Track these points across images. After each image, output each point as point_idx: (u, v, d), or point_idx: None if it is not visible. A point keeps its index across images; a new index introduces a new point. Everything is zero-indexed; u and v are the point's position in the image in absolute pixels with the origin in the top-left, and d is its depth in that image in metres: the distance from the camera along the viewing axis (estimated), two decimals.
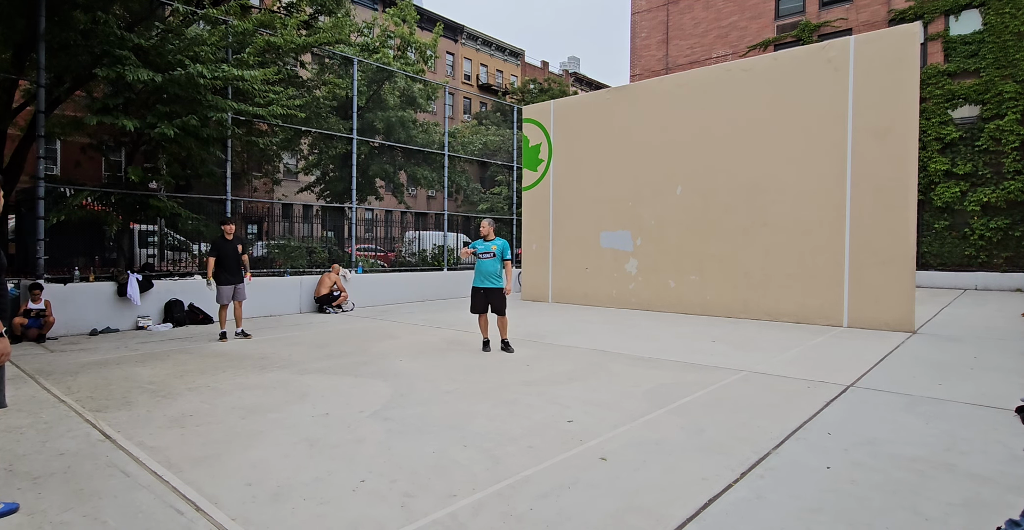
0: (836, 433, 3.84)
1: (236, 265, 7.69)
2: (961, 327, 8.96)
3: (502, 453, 3.45)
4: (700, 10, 23.50)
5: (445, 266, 14.99)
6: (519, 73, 41.87)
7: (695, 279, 10.60)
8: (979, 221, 17.32)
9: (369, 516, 2.67)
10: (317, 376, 5.53)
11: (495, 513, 2.69)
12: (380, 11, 29.09)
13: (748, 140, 9.90)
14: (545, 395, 4.81)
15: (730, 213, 10.11)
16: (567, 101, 13.04)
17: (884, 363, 6.17)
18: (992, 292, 16.31)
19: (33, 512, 2.71)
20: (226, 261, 7.57)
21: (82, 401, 4.62)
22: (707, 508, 2.75)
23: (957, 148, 17.78)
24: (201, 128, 9.11)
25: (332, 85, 13.90)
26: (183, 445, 3.62)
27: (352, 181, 12.66)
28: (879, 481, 3.06)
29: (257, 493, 2.92)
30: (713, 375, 5.55)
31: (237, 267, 7.70)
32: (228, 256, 7.59)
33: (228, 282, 7.61)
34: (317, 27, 13.58)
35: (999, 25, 17.11)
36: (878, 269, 8.59)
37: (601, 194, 12.00)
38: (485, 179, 25.28)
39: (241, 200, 12.31)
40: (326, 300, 10.98)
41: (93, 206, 9.79)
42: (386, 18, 18.13)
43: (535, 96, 27.83)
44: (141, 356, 6.60)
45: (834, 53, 9.05)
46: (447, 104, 22.08)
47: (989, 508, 2.74)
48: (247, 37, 10.30)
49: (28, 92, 10.30)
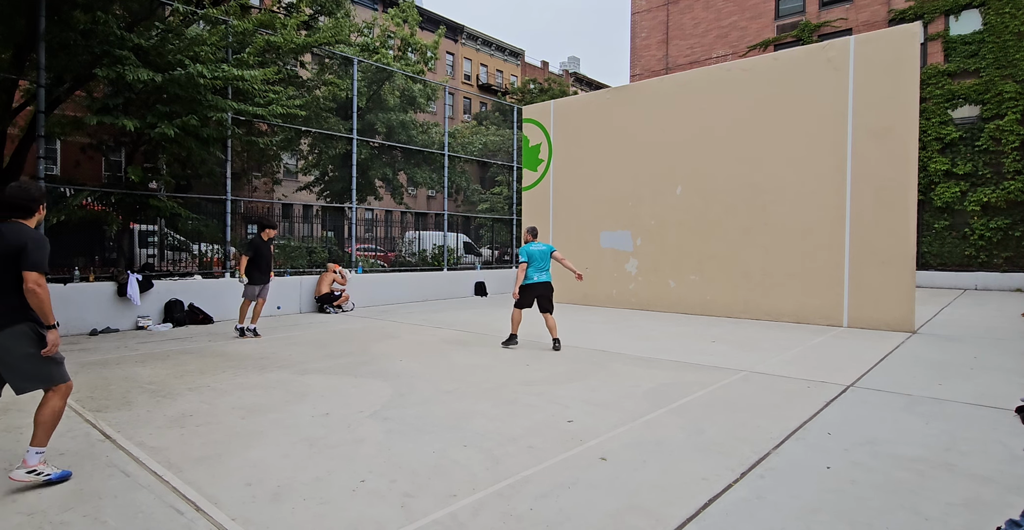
0: (836, 433, 3.84)
1: (269, 266, 8.11)
2: (961, 327, 8.96)
3: (502, 453, 3.45)
4: (700, 10, 23.50)
5: (445, 266, 14.99)
6: (519, 73, 41.87)
7: (695, 279, 10.60)
8: (979, 221, 17.32)
9: (369, 516, 2.67)
10: (317, 376, 5.53)
11: (495, 513, 2.69)
12: (380, 11, 29.08)
13: (748, 140, 9.90)
14: (545, 395, 4.81)
15: (730, 213, 10.11)
16: (567, 101, 13.04)
17: (884, 363, 6.17)
18: (992, 292, 16.31)
19: (33, 512, 2.71)
20: (262, 262, 7.97)
21: (82, 401, 4.62)
22: (707, 508, 2.75)
23: (957, 148, 17.78)
24: (201, 128, 9.11)
25: (332, 85, 13.90)
26: (183, 445, 3.62)
27: (352, 181, 12.66)
28: (879, 481, 3.06)
29: (257, 493, 2.92)
30: (713, 375, 5.55)
31: (270, 268, 8.13)
32: (264, 257, 7.99)
33: (260, 281, 7.99)
34: (317, 27, 13.58)
35: (999, 25, 17.11)
36: (878, 269, 8.59)
37: (601, 194, 12.00)
38: (485, 179, 25.30)
39: (241, 200, 12.30)
40: (326, 299, 10.98)
41: (93, 206, 9.78)
42: (387, 19, 18.13)
43: (535, 96, 27.83)
44: (141, 356, 6.60)
45: (834, 53, 9.05)
46: (447, 104, 22.07)
47: (989, 508, 2.74)
48: (247, 37, 10.30)
49: (28, 92, 10.29)
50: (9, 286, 2.93)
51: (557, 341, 6.98)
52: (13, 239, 2.92)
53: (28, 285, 2.89)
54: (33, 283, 2.89)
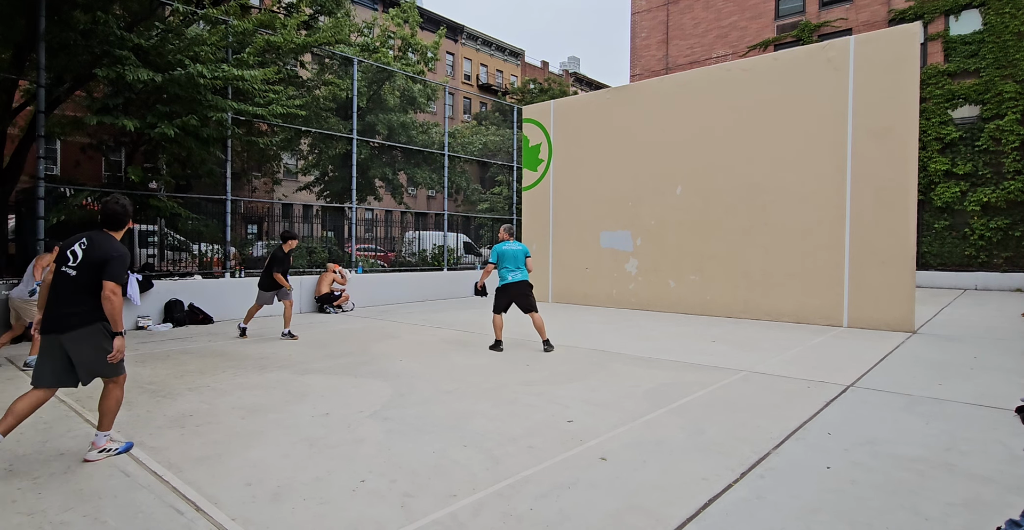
0: (836, 433, 3.84)
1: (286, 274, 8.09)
2: (961, 327, 8.96)
3: (502, 453, 3.45)
4: (700, 10, 23.50)
5: (445, 266, 14.99)
6: (519, 73, 41.87)
7: (695, 279, 10.60)
8: (979, 221, 17.32)
9: (369, 516, 2.67)
10: (317, 376, 5.53)
11: (495, 513, 2.69)
12: (380, 11, 29.08)
13: (748, 140, 9.90)
14: (545, 395, 4.81)
15: (730, 213, 10.11)
16: (567, 101, 13.04)
17: (884, 363, 6.17)
18: (992, 292, 16.31)
19: (33, 512, 2.71)
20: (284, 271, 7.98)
21: (82, 401, 4.61)
22: (707, 508, 2.75)
23: (957, 148, 17.78)
24: (201, 128, 9.11)
25: (332, 85, 13.90)
26: (183, 445, 3.62)
27: (352, 181, 12.67)
28: (879, 481, 3.06)
29: (257, 493, 2.92)
30: (713, 375, 5.55)
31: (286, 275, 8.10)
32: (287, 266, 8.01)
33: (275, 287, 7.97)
34: (317, 27, 13.59)
35: (999, 25, 17.11)
36: (878, 269, 8.59)
37: (601, 194, 12.00)
38: (485, 179, 25.30)
39: (241, 200, 12.32)
40: (326, 299, 10.98)
41: (93, 206, 9.78)
42: (387, 19, 18.13)
43: (535, 96, 27.82)
44: (141, 356, 6.60)
45: (834, 53, 9.05)
46: (447, 104, 22.08)
47: (989, 508, 2.74)
48: (247, 37, 10.30)
49: (28, 92, 10.29)
50: (90, 290, 3.32)
51: (547, 342, 6.74)
52: (102, 250, 3.34)
53: (106, 293, 3.28)
54: (110, 291, 3.28)
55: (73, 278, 3.32)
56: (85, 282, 3.30)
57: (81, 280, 3.31)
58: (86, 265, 3.31)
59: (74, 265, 3.32)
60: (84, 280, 3.30)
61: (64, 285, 3.33)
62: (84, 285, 3.31)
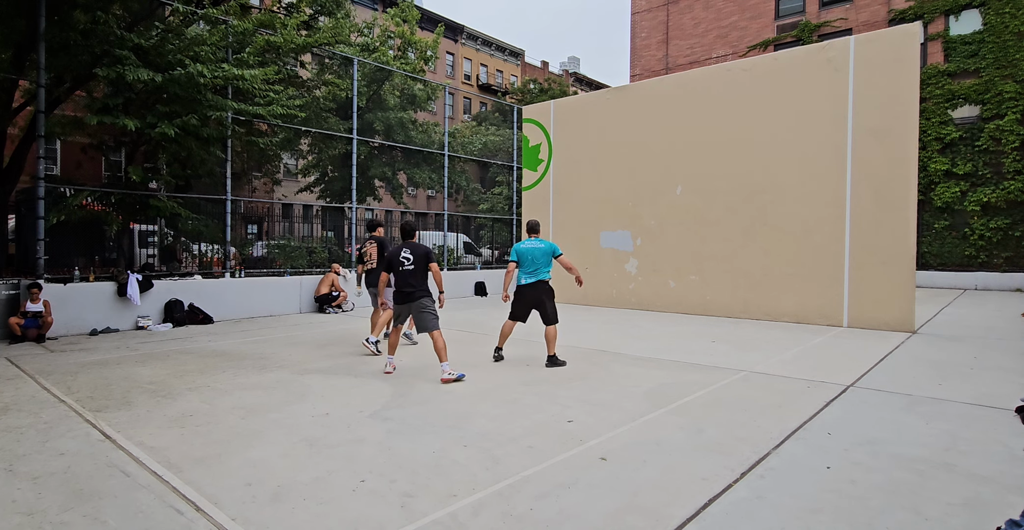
0: (836, 433, 3.84)
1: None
2: (961, 327, 8.96)
3: (502, 453, 3.45)
4: (700, 10, 23.49)
5: (445, 266, 14.98)
6: (519, 73, 41.87)
7: (695, 279, 10.59)
8: (979, 221, 17.31)
9: (369, 516, 2.67)
10: (317, 376, 5.53)
11: (495, 513, 2.69)
12: (380, 11, 29.08)
13: (748, 140, 9.89)
14: (545, 395, 4.81)
15: (730, 213, 10.11)
16: (567, 101, 13.04)
17: (884, 363, 6.17)
18: (992, 292, 16.31)
19: (33, 512, 2.71)
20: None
21: (82, 401, 4.62)
22: (707, 508, 2.75)
23: (957, 148, 17.78)
24: (201, 128, 9.11)
25: (332, 85, 13.90)
26: (183, 445, 3.62)
27: (352, 181, 12.66)
28: (879, 481, 3.06)
29: (257, 493, 2.92)
30: (713, 375, 5.55)
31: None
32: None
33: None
34: (317, 27, 13.59)
35: (999, 25, 17.10)
36: (878, 269, 8.59)
37: (601, 194, 12.00)
38: (485, 179, 25.29)
39: (241, 200, 12.31)
40: (325, 300, 10.98)
41: (93, 206, 9.78)
42: (387, 18, 18.13)
43: (535, 96, 27.81)
44: (141, 356, 6.60)
45: (834, 53, 9.05)
46: (447, 104, 22.05)
47: (989, 508, 2.74)
48: (247, 37, 10.30)
49: (28, 92, 10.29)
50: (425, 274, 5.57)
51: (551, 358, 5.96)
52: (422, 249, 5.61)
53: (433, 269, 5.55)
54: (435, 270, 5.56)
55: (412, 271, 5.53)
56: (421, 269, 5.56)
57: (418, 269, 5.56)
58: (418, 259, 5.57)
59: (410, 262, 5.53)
60: (420, 268, 5.56)
61: (405, 275, 5.54)
62: (421, 271, 5.57)
